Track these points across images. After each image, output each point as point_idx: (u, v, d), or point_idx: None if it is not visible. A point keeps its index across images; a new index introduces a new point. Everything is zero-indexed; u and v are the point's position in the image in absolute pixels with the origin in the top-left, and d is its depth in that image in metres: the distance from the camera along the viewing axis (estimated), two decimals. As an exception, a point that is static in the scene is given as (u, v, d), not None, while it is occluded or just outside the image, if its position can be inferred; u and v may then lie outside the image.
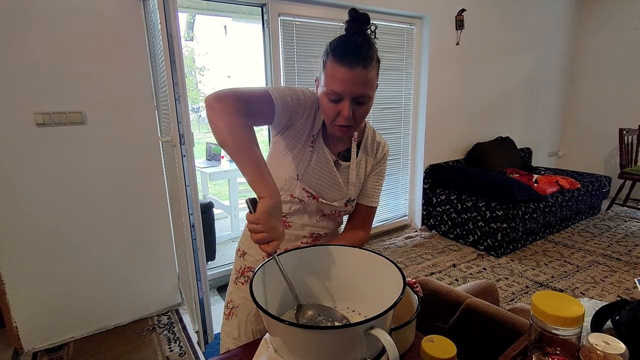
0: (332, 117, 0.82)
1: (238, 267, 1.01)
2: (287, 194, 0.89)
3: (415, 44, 3.20)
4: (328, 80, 0.78)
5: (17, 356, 1.90)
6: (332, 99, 0.79)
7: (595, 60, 4.42)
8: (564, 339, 0.57)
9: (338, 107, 0.80)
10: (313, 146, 0.90)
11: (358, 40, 0.77)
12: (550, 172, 4.02)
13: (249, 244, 0.99)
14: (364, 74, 0.77)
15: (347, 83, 0.76)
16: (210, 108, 0.71)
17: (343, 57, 0.76)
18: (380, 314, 0.51)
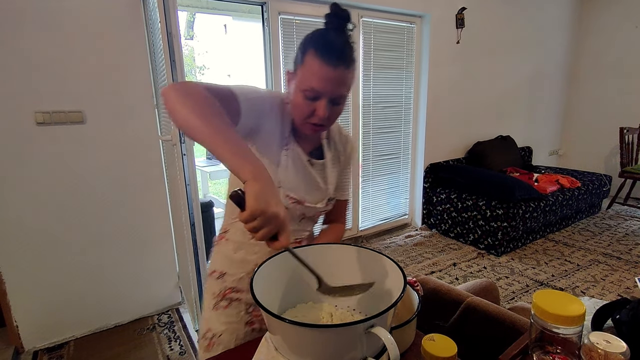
0: (305, 114, 0.78)
1: (216, 290, 0.92)
2: None
3: (415, 42, 3.20)
4: (307, 77, 0.74)
5: (17, 355, 1.90)
6: (309, 96, 0.75)
7: (595, 58, 4.41)
8: (565, 338, 0.57)
9: (314, 105, 0.77)
10: (287, 148, 0.85)
11: (342, 39, 0.75)
12: (551, 170, 4.02)
13: (226, 263, 0.91)
14: (345, 74, 0.75)
15: (328, 82, 0.74)
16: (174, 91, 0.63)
17: (327, 55, 0.73)
18: (381, 312, 0.51)
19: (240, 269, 0.90)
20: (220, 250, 0.92)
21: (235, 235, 0.90)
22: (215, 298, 0.91)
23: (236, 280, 0.90)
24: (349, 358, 0.54)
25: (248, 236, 0.82)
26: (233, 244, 0.90)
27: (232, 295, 0.90)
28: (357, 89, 2.95)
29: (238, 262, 0.89)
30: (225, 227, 0.92)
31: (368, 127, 3.11)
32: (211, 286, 0.93)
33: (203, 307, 0.97)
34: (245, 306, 0.90)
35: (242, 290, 0.90)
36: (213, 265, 0.94)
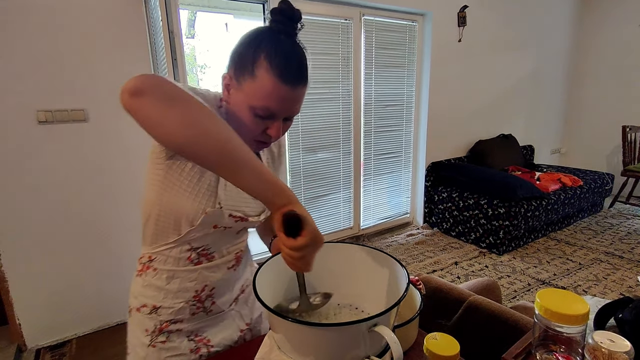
0: (256, 132, 0.68)
1: (150, 326, 0.78)
2: (209, 226, 0.71)
3: (417, 40, 3.19)
4: (261, 95, 0.63)
5: (20, 353, 1.91)
6: (262, 115, 0.65)
7: (598, 57, 4.39)
8: (569, 337, 0.57)
9: (265, 124, 0.67)
10: None
11: (298, 51, 0.66)
12: (553, 169, 4.01)
13: (158, 296, 0.77)
14: (303, 91, 0.67)
15: (287, 102, 0.65)
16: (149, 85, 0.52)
17: (286, 73, 0.63)
18: (384, 311, 0.51)
19: (177, 299, 0.77)
20: (148, 282, 0.78)
21: (166, 264, 0.76)
22: (149, 335, 0.78)
23: (174, 312, 0.78)
24: (352, 356, 0.54)
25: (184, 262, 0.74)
26: (164, 274, 0.76)
27: (171, 328, 0.78)
28: (358, 88, 2.94)
29: (174, 292, 0.77)
30: (149, 255, 0.78)
31: (369, 125, 3.11)
32: (141, 322, 0.79)
33: (132, 344, 0.81)
34: (187, 334, 0.80)
35: (183, 319, 0.79)
36: (140, 299, 0.79)
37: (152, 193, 0.70)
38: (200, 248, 0.75)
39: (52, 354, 1.91)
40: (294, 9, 0.64)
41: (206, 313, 0.81)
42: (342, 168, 3.04)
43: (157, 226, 0.72)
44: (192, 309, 0.79)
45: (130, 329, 0.82)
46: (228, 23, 7.80)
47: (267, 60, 0.62)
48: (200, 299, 0.79)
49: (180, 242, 0.72)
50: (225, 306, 0.84)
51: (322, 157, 2.91)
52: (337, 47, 2.75)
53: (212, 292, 0.80)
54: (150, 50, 2.00)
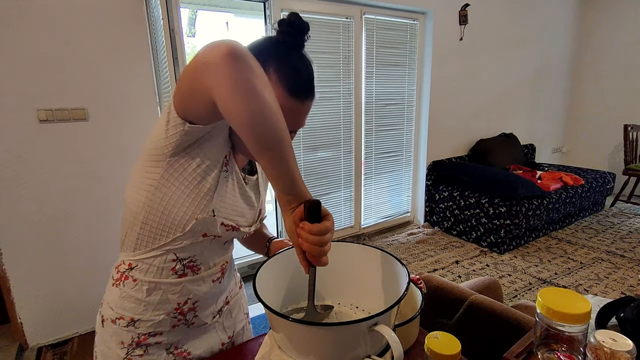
0: None
1: (127, 339, 0.74)
2: (198, 234, 0.68)
3: (418, 39, 3.18)
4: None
5: (22, 351, 1.92)
6: None
7: (600, 55, 4.38)
8: (570, 336, 0.56)
9: None
10: (227, 169, 0.69)
11: (308, 67, 0.65)
12: (554, 168, 4.00)
13: (137, 308, 0.73)
14: (310, 105, 0.67)
15: (294, 116, 0.64)
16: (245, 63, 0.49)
17: (296, 89, 0.62)
18: (385, 310, 0.51)
19: (158, 311, 0.73)
20: (126, 293, 0.73)
21: (147, 274, 0.71)
22: (125, 347, 0.74)
23: (154, 325, 0.73)
24: (353, 356, 0.54)
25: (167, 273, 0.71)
26: (145, 285, 0.71)
27: (150, 341, 0.74)
28: (359, 87, 2.94)
29: (154, 305, 0.72)
30: (129, 262, 0.71)
31: (370, 124, 3.10)
32: (117, 334, 0.74)
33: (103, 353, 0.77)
34: (166, 346, 0.76)
35: (162, 332, 0.75)
36: (117, 311, 0.74)
37: (143, 194, 0.65)
38: (187, 259, 0.71)
39: (54, 353, 1.91)
40: (302, 21, 0.62)
41: (187, 326, 0.78)
42: (343, 167, 3.04)
43: (143, 230, 0.67)
44: (173, 321, 0.75)
45: (102, 339, 0.77)
46: (229, 22, 7.78)
47: (276, 74, 0.61)
48: (182, 311, 0.75)
49: (166, 250, 0.68)
50: (208, 319, 0.81)
51: (323, 155, 2.91)
52: (338, 45, 2.74)
53: (194, 305, 0.76)
54: (151, 48, 2.00)
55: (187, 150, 0.62)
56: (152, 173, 0.63)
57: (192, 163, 0.63)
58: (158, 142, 0.61)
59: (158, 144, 0.61)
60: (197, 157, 0.63)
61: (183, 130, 0.58)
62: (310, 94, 0.65)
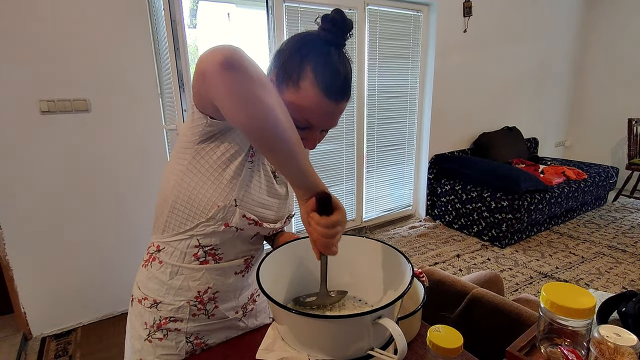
0: None
1: (149, 320, 0.76)
2: (220, 224, 0.69)
3: (422, 31, 3.15)
4: (303, 106, 0.62)
5: (26, 341, 1.94)
6: (300, 125, 0.64)
7: (604, 48, 4.33)
8: (574, 331, 0.56)
9: (302, 134, 0.65)
10: (252, 160, 0.70)
11: (346, 66, 0.65)
12: (557, 162, 3.98)
13: (160, 290, 0.75)
14: (345, 106, 0.66)
15: (328, 116, 0.64)
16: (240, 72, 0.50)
17: (332, 89, 0.62)
18: (389, 303, 0.51)
19: (178, 297, 0.75)
20: (152, 274, 0.76)
21: (172, 257, 0.73)
22: (148, 328, 0.77)
23: (174, 310, 0.75)
24: (356, 348, 0.54)
25: (190, 258, 0.73)
26: (168, 268, 0.74)
27: (170, 326, 0.76)
28: (362, 79, 2.92)
29: (175, 289, 0.74)
30: (158, 244, 0.75)
31: (373, 117, 3.09)
32: (141, 314, 0.78)
33: (130, 333, 0.81)
34: (186, 335, 0.77)
35: (182, 319, 0.76)
36: (143, 291, 0.77)
37: (173, 178, 0.69)
38: (209, 247, 0.72)
39: (58, 342, 1.93)
40: (346, 19, 0.61)
41: (208, 317, 0.78)
42: (345, 160, 3.03)
43: (172, 214, 0.70)
44: (193, 309, 0.76)
45: (130, 319, 0.81)
46: (230, 12, 7.71)
47: (314, 72, 0.61)
48: (202, 300, 0.76)
49: (190, 235, 0.70)
50: (230, 313, 0.81)
51: (325, 148, 2.90)
52: (340, 37, 2.71)
53: (215, 295, 0.77)
54: (153, 39, 1.98)
55: (212, 139, 0.65)
56: (182, 159, 0.67)
57: (218, 150, 0.65)
58: (187, 130, 0.66)
59: (187, 132, 0.66)
60: (222, 145, 0.65)
61: (205, 122, 0.62)
62: (345, 95, 0.65)
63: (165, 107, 2.07)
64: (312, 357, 0.54)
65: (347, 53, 0.66)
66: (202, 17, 8.56)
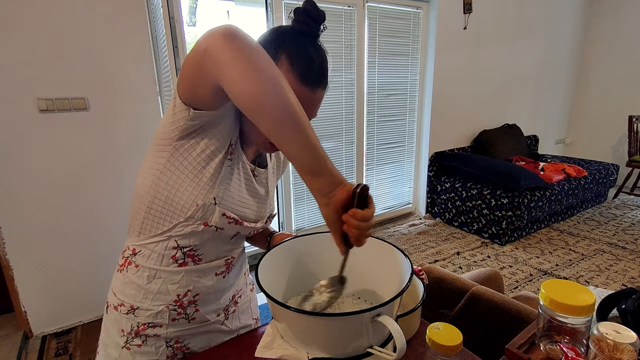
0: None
1: (126, 327, 0.74)
2: (199, 223, 0.67)
3: (421, 28, 3.14)
4: None
5: (26, 339, 1.94)
6: None
7: (606, 45, 4.31)
8: (573, 328, 0.56)
9: None
10: (232, 157, 0.69)
11: (321, 54, 0.64)
12: (557, 159, 3.98)
13: (137, 296, 0.73)
14: (322, 95, 0.66)
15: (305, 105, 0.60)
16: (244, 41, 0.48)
17: (307, 76, 0.61)
18: (388, 301, 0.51)
19: (157, 302, 0.72)
20: (128, 279, 0.73)
21: (149, 260, 0.70)
22: (125, 335, 0.74)
23: (152, 315, 0.73)
24: (355, 346, 0.54)
25: (168, 261, 0.70)
26: (146, 272, 0.71)
27: (149, 332, 0.73)
28: (362, 77, 2.91)
29: (154, 294, 0.72)
30: (133, 247, 0.72)
31: (372, 115, 3.08)
32: (117, 321, 0.75)
33: (104, 342, 0.78)
34: (166, 340, 0.75)
35: (162, 324, 0.74)
36: (119, 297, 0.74)
37: (150, 179, 0.66)
38: (188, 248, 0.70)
39: (58, 341, 1.94)
40: (318, 9, 0.61)
41: (188, 321, 0.76)
42: (345, 158, 3.02)
43: (148, 215, 0.67)
44: (173, 314, 0.74)
45: (104, 327, 0.78)
46: (230, 10, 7.69)
47: (288, 60, 0.60)
48: (182, 304, 0.74)
49: (168, 236, 0.68)
50: (211, 316, 0.79)
51: (324, 146, 2.87)
52: (339, 34, 2.71)
53: (195, 298, 0.74)
54: (151, 37, 1.97)
55: (192, 135, 0.62)
56: (159, 157, 0.65)
57: (197, 148, 0.63)
58: (165, 126, 0.63)
59: (165, 128, 0.63)
60: (202, 141, 0.63)
61: (188, 115, 0.59)
62: (321, 83, 0.64)
63: (164, 105, 2.07)
64: (311, 354, 0.54)
65: (323, 45, 0.65)
66: (201, 15, 8.54)
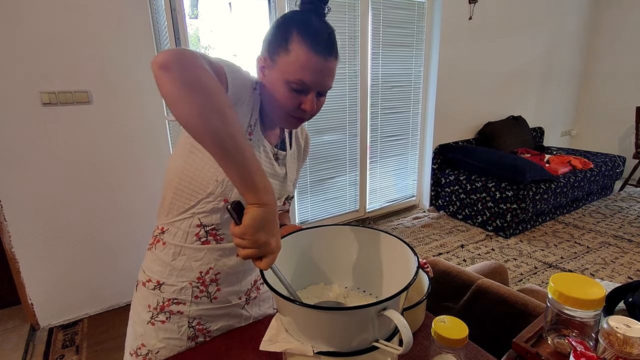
0: (291, 107, 0.70)
1: (152, 303, 0.79)
2: (220, 199, 0.72)
3: (426, 18, 3.09)
4: (295, 68, 0.66)
5: (34, 331, 1.96)
6: (297, 88, 0.68)
7: (613, 35, 4.23)
8: (582, 322, 0.55)
9: (300, 98, 0.70)
10: (251, 138, 0.75)
11: (327, 27, 0.70)
12: (563, 152, 3.94)
13: (163, 272, 0.78)
14: (334, 65, 0.70)
15: (320, 74, 0.68)
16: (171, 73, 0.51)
17: (318, 45, 0.66)
18: (394, 295, 0.50)
19: (181, 278, 0.77)
20: (156, 256, 0.79)
21: (175, 237, 0.76)
22: (151, 311, 0.79)
23: (177, 291, 0.78)
24: (360, 340, 0.53)
25: (192, 238, 0.75)
26: (172, 249, 0.77)
27: (172, 308, 0.78)
28: (365, 68, 2.88)
29: (178, 270, 0.77)
30: (162, 226, 0.78)
31: (376, 107, 3.06)
32: (145, 297, 0.80)
33: (132, 319, 0.83)
34: (188, 320, 0.79)
35: (185, 302, 0.78)
36: (147, 273, 0.80)
37: (178, 160, 0.72)
38: (210, 227, 0.74)
39: (65, 333, 1.96)
40: None
41: (210, 300, 0.80)
42: (348, 150, 3.01)
43: (176, 195, 0.73)
44: (195, 291, 0.78)
45: (133, 305, 0.83)
46: (232, 2, 7.63)
47: (300, 34, 0.66)
48: (204, 281, 0.78)
49: (192, 213, 0.73)
50: (232, 298, 0.82)
51: (328, 139, 2.88)
52: (343, 25, 2.67)
53: (217, 277, 0.78)
54: (153, 30, 1.96)
55: None
56: (186, 142, 0.72)
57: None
58: None
59: None
60: None
61: None
62: (331, 52, 0.68)
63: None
64: (316, 348, 0.53)
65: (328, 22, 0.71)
66: (203, 8, 8.49)
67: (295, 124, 0.76)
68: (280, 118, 0.74)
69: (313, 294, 0.69)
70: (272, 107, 0.73)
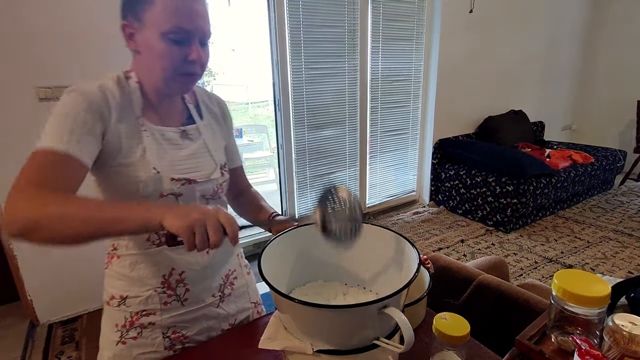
0: (177, 63, 0.66)
1: (120, 320, 0.74)
2: (156, 194, 0.69)
3: (426, 12, 3.06)
4: (167, 15, 0.62)
5: (33, 328, 1.96)
6: (176, 38, 0.63)
7: (615, 28, 4.20)
8: (586, 319, 0.54)
9: (183, 51, 0.65)
10: (146, 129, 0.71)
11: None
12: (564, 146, 3.92)
13: (124, 285, 0.74)
14: (206, 6, 0.67)
15: (193, 16, 0.64)
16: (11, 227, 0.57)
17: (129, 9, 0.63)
18: (395, 292, 0.49)
19: (144, 286, 0.73)
20: (114, 272, 0.75)
21: (128, 248, 0.74)
22: (119, 330, 0.74)
23: (143, 302, 0.73)
24: (361, 338, 0.53)
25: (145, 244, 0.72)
26: (128, 259, 0.74)
27: (143, 321, 0.74)
28: (365, 62, 2.85)
29: (140, 279, 0.73)
30: (113, 244, 0.77)
31: (376, 102, 3.03)
32: (111, 316, 0.75)
33: (100, 346, 0.78)
34: (162, 331, 0.75)
35: (154, 311, 0.74)
36: (110, 291, 0.76)
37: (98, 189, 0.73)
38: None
39: (64, 329, 1.95)
40: None
41: (181, 303, 0.76)
42: (348, 145, 2.99)
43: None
44: (163, 297, 0.74)
45: (102, 329, 0.79)
46: (230, -3, 7.55)
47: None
48: (169, 285, 0.74)
49: None
50: (205, 296, 0.78)
51: (327, 134, 2.86)
52: (342, 19, 2.64)
53: (182, 276, 0.74)
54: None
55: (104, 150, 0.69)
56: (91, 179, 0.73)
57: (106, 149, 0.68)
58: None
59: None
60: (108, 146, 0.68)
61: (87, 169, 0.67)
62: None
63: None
64: (316, 346, 0.52)
65: None
66: (201, 1, 8.38)
67: (188, 83, 0.71)
68: (169, 82, 0.68)
69: (312, 291, 0.68)
70: (157, 73, 0.67)
